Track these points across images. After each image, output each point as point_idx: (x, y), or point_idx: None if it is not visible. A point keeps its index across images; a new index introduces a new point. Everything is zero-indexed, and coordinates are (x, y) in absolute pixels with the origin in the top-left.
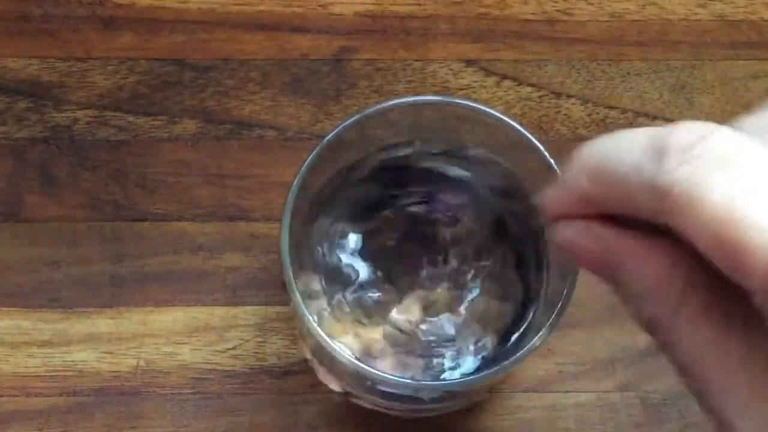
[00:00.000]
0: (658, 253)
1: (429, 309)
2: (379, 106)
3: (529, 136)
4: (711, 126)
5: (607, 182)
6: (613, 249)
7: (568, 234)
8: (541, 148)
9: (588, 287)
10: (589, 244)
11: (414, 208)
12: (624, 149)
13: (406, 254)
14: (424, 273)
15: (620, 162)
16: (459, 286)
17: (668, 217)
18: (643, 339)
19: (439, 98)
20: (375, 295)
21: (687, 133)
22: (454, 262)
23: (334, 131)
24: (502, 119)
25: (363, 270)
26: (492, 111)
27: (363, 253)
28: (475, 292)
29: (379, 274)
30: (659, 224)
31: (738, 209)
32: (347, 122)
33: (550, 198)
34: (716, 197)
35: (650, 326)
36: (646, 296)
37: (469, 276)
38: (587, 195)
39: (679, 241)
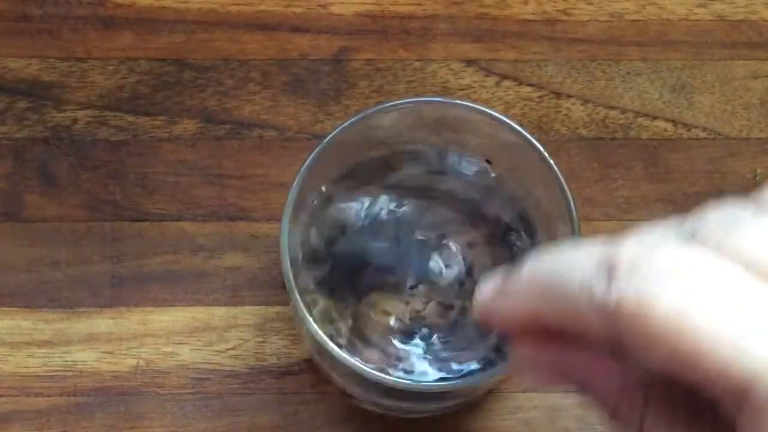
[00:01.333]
0: (616, 368)
1: (429, 310)
2: (379, 107)
3: (529, 136)
4: (656, 238)
5: (556, 303)
6: (571, 368)
7: (526, 357)
8: (541, 148)
9: None
10: (547, 367)
11: (408, 210)
12: (572, 269)
13: (406, 253)
14: (423, 274)
15: (569, 283)
16: (458, 287)
17: (620, 337)
18: None
19: (439, 99)
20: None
21: (634, 247)
22: (454, 263)
23: (335, 132)
24: (501, 120)
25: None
26: (492, 112)
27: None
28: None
29: (378, 273)
30: (608, 349)
31: (687, 319)
32: (347, 123)
33: (492, 306)
34: (665, 309)
35: (618, 428)
36: (611, 407)
37: (469, 277)
38: (535, 313)
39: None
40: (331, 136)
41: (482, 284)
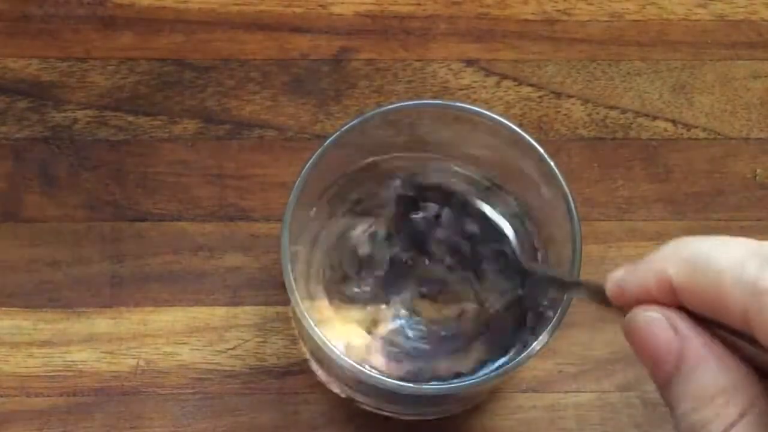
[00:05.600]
0: (732, 360)
1: (429, 311)
2: (380, 109)
3: (529, 137)
4: None
5: (701, 274)
6: (689, 345)
7: (646, 321)
8: (540, 149)
9: None
10: (667, 335)
11: (417, 217)
12: (724, 249)
13: (407, 256)
14: (423, 276)
15: (719, 258)
16: (459, 289)
17: (755, 317)
18: None
19: (439, 102)
20: (374, 294)
21: None
22: (454, 264)
23: (335, 134)
24: (501, 122)
25: (367, 267)
26: (491, 114)
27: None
28: (476, 297)
29: (380, 274)
30: (733, 328)
31: None
32: (348, 125)
33: (626, 280)
34: None
35: (694, 428)
36: (707, 403)
37: (469, 279)
38: (673, 284)
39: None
40: (332, 138)
41: (615, 270)
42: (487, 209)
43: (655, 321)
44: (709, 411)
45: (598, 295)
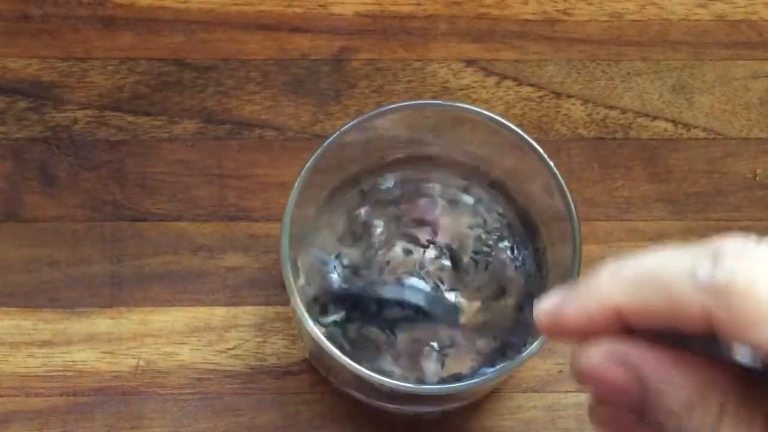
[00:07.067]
0: (695, 363)
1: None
2: (380, 109)
3: (528, 138)
4: (747, 240)
5: (652, 292)
6: (646, 370)
7: (595, 359)
8: (540, 149)
9: None
10: (619, 368)
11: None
12: (668, 261)
13: (407, 255)
14: (423, 274)
15: (667, 271)
16: (459, 289)
17: (721, 315)
18: None
19: (439, 102)
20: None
21: (738, 240)
22: (454, 264)
23: (335, 135)
24: (501, 122)
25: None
26: (492, 114)
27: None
28: (475, 295)
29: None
30: (694, 333)
31: None
32: (348, 125)
33: (563, 311)
34: None
35: None
36: (687, 411)
37: (470, 280)
38: (623, 309)
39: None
40: (332, 139)
41: (542, 300)
42: (482, 205)
43: (604, 363)
44: (694, 421)
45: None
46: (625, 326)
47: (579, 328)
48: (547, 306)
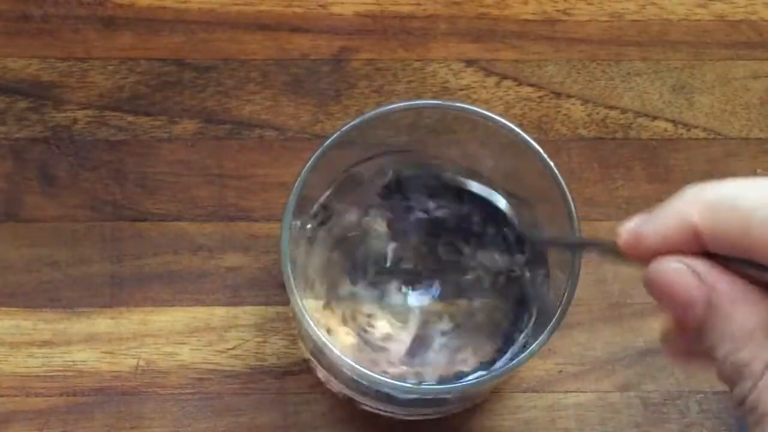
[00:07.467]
0: (763, 298)
1: (430, 312)
2: (380, 109)
3: (528, 138)
4: None
5: (728, 216)
6: (717, 289)
7: (672, 265)
8: (540, 150)
9: (588, 287)
10: (692, 282)
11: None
12: (749, 189)
13: (406, 254)
14: (423, 273)
15: (746, 199)
16: (460, 289)
17: None
18: (643, 339)
19: (439, 102)
20: (374, 292)
21: None
22: (453, 253)
23: (335, 134)
24: (501, 122)
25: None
26: (492, 114)
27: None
28: (476, 296)
29: (384, 271)
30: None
31: None
32: (348, 125)
33: (643, 229)
34: None
35: (737, 372)
36: (746, 340)
37: (470, 280)
38: (699, 228)
39: None
40: (332, 139)
41: (625, 222)
42: (483, 191)
43: (679, 271)
44: (747, 351)
45: (609, 249)
46: (703, 251)
47: (658, 246)
48: (629, 226)
